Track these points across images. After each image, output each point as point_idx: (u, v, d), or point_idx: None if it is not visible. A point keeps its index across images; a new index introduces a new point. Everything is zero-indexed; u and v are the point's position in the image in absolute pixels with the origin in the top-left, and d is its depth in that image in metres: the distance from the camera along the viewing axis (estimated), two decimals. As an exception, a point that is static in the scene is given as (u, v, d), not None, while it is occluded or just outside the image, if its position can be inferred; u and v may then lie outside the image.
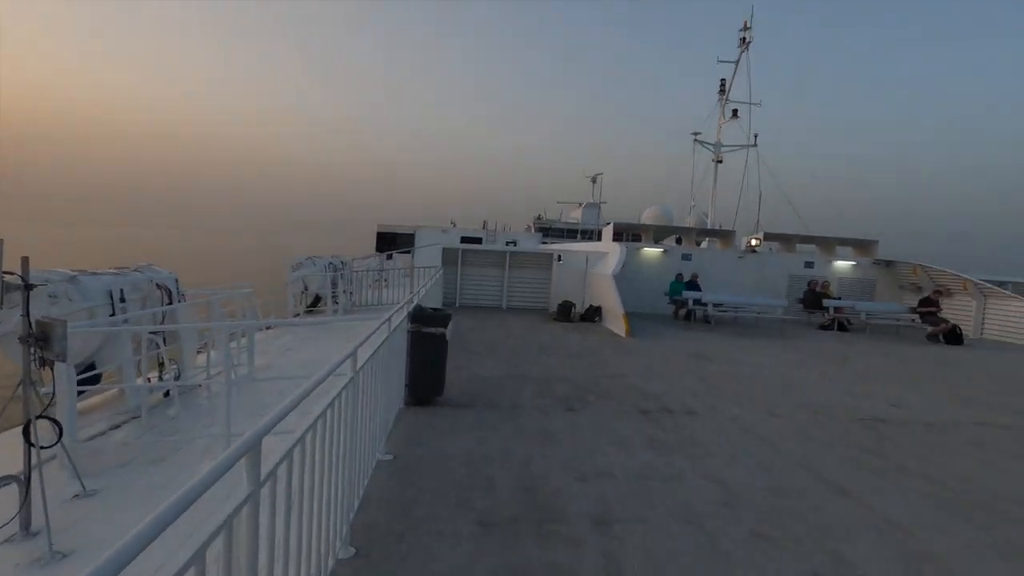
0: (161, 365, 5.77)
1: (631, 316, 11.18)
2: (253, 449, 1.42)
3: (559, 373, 6.96)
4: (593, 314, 12.60)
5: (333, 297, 12.74)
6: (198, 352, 7.06)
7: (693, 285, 14.35)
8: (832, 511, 3.43)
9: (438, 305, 12.24)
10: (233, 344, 6.96)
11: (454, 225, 33.81)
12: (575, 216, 39.31)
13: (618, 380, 6.74)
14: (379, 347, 3.47)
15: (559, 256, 14.84)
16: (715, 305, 13.24)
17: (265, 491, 1.58)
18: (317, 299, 12.97)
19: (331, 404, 2.24)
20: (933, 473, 4.18)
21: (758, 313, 13.56)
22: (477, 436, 4.42)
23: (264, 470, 1.54)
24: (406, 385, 5.11)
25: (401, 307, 4.82)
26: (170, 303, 6.16)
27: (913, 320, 13.40)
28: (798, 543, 2.99)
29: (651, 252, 15.78)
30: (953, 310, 14.20)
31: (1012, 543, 3.14)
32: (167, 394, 5.69)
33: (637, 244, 16.29)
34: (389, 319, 3.87)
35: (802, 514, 3.35)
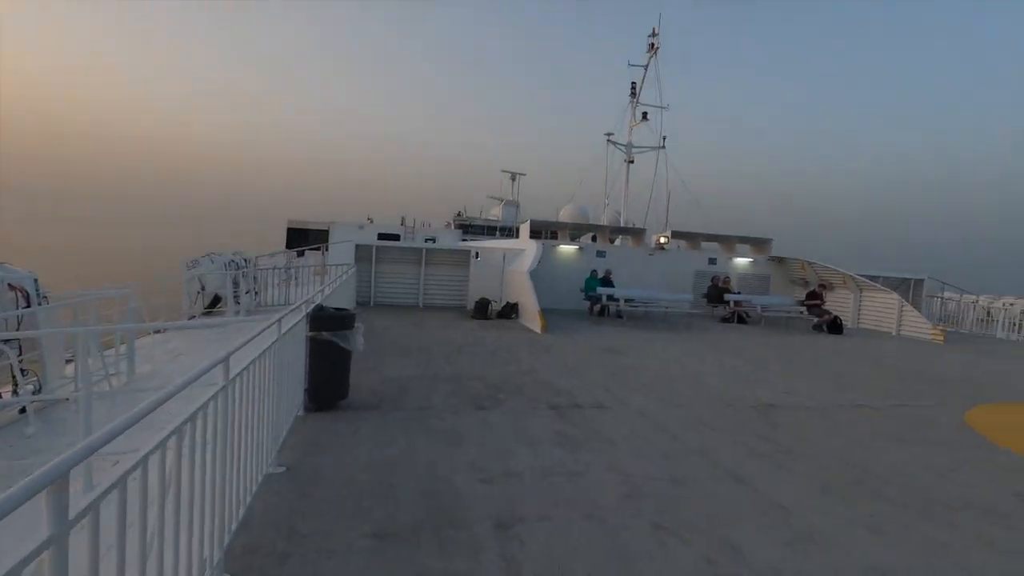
0: (15, 377, 5.06)
1: (548, 312, 11.30)
2: (57, 481, 1.18)
3: (472, 371, 6.86)
4: (510, 311, 12.62)
5: (234, 297, 11.89)
6: (68, 362, 6.28)
7: (607, 281, 14.77)
8: (726, 497, 3.57)
9: (350, 304, 11.75)
10: (110, 352, 6.26)
11: (371, 221, 32.85)
12: (495, 213, 39.45)
13: (531, 377, 6.75)
14: (265, 350, 3.19)
15: (476, 253, 14.76)
16: (627, 301, 13.70)
17: (88, 526, 1.34)
18: (216, 299, 12.06)
19: (190, 419, 1.99)
20: (815, 455, 4.49)
21: (666, 308, 14.19)
22: (381, 441, 4.22)
23: (82, 504, 1.31)
24: (306, 390, 4.80)
25: (298, 307, 4.51)
26: (28, 306, 5.42)
27: (801, 312, 14.59)
28: (694, 531, 3.07)
29: (567, 249, 16.07)
30: (835, 302, 15.61)
31: (879, 518, 3.41)
32: (24, 411, 5.00)
33: (554, 241, 16.54)
34: (280, 321, 3.58)
35: (699, 502, 3.46)
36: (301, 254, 20.50)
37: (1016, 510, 3.63)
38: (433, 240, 30.00)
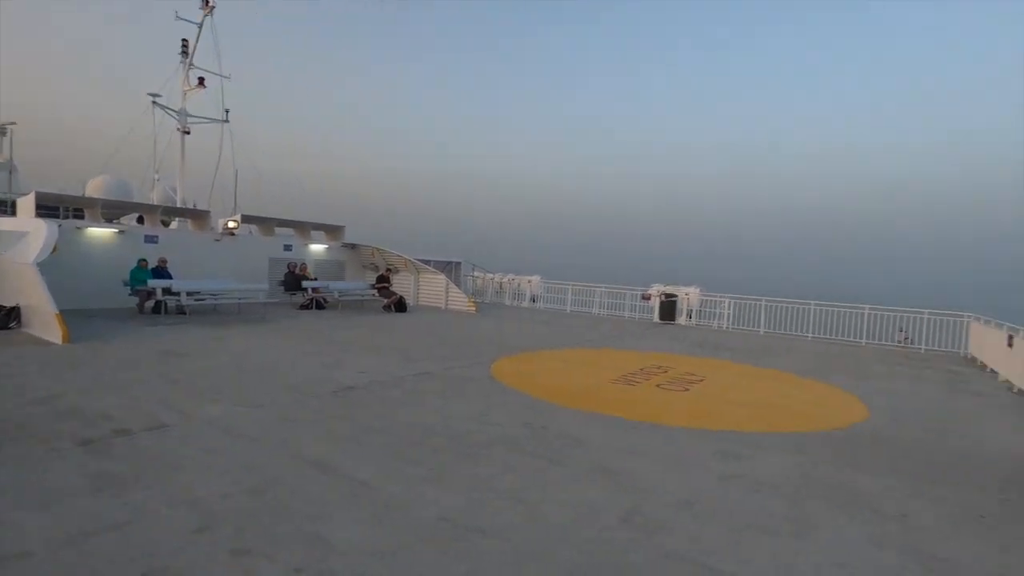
0: None
1: (75, 315, 8.73)
2: None
3: (-69, 416, 4.59)
4: (7, 319, 9.12)
5: None
6: None
7: (161, 272, 12.47)
8: (313, 492, 3.50)
9: None
10: None
11: None
12: (-30, 180, 27.77)
13: (47, 406, 5.02)
14: None
15: None
16: (190, 294, 11.92)
17: None
18: None
19: None
20: (387, 426, 4.93)
21: (240, 299, 13.08)
22: None
23: None
24: None
25: None
26: None
27: (373, 294, 15.95)
28: (280, 543, 2.87)
29: (101, 233, 12.77)
30: (400, 284, 17.71)
31: (438, 469, 4.00)
32: None
33: (80, 222, 12.88)
34: None
35: (285, 507, 3.27)
36: None
37: (524, 436, 4.90)
38: None
